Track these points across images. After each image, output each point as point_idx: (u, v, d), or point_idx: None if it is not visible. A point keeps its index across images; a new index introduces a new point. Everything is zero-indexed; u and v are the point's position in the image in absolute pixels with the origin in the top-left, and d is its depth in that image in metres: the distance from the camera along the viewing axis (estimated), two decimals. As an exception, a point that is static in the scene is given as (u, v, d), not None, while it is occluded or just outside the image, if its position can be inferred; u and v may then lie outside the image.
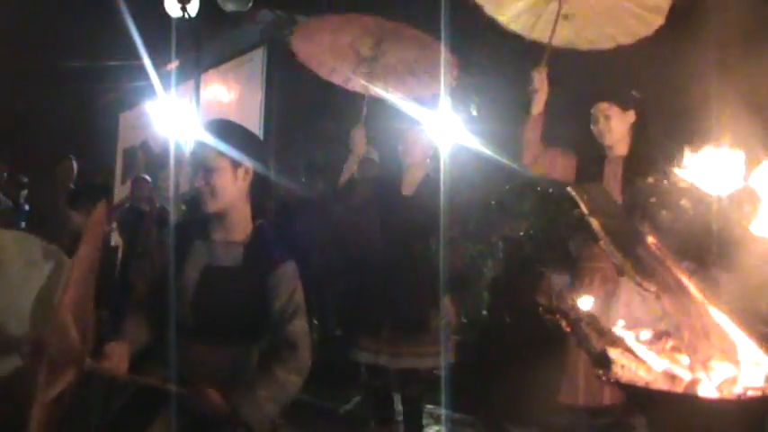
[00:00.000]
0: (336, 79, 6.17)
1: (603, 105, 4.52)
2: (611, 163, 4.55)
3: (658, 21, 4.79)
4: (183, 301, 3.23)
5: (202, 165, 3.22)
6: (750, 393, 2.11)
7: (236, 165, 3.23)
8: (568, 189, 2.73)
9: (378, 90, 5.92)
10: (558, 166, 4.71)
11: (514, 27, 5.15)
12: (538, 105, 4.67)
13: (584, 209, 2.63)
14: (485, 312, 8.48)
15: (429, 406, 6.90)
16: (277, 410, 3.16)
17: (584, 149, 4.70)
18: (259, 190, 3.37)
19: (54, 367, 2.77)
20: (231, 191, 3.24)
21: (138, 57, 9.84)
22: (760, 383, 2.13)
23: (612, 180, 4.45)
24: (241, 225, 3.33)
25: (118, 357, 3.04)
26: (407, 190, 5.53)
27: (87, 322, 3.01)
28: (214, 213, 3.27)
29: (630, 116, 4.53)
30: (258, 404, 3.05)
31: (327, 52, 5.99)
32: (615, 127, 4.51)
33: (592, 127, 4.59)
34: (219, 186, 3.21)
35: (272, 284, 3.24)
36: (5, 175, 8.13)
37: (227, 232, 3.32)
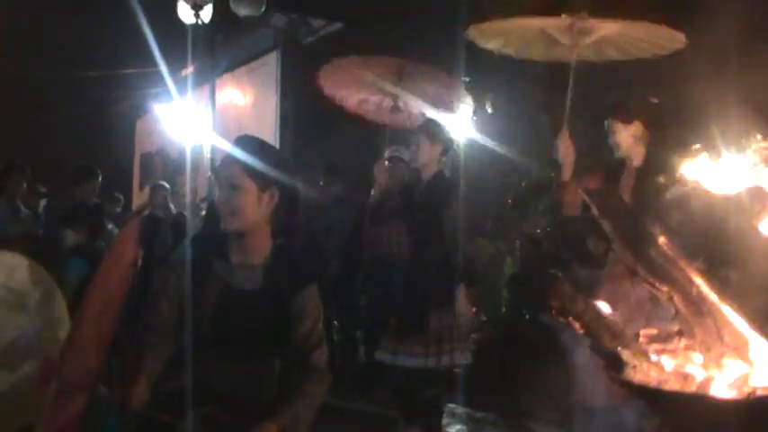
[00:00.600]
0: (363, 111, 6.60)
1: (610, 121, 4.63)
2: (628, 173, 4.63)
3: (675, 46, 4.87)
4: (202, 322, 3.16)
5: (227, 182, 3.12)
6: (759, 392, 2.13)
7: (262, 188, 3.11)
8: (580, 191, 2.76)
9: (400, 122, 6.29)
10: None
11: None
12: (566, 173, 4.74)
13: (595, 211, 2.66)
14: (504, 310, 8.50)
15: (450, 405, 6.94)
16: (312, 419, 3.18)
17: (610, 161, 4.77)
18: (285, 213, 3.24)
19: (66, 389, 2.77)
20: (253, 213, 3.13)
21: (153, 63, 9.90)
22: (770, 382, 2.15)
23: (627, 190, 4.51)
24: (260, 246, 3.23)
25: (138, 392, 2.99)
26: (419, 193, 5.64)
27: (105, 347, 2.93)
28: (233, 232, 3.18)
29: (635, 128, 4.59)
30: (300, 420, 3.10)
31: (353, 87, 6.39)
32: (622, 141, 4.60)
33: (608, 141, 4.69)
34: (242, 207, 3.10)
35: (295, 310, 3.19)
36: (25, 185, 8.19)
37: (245, 254, 3.22)
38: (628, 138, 4.59)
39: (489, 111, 9.13)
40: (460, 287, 5.41)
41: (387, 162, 6.04)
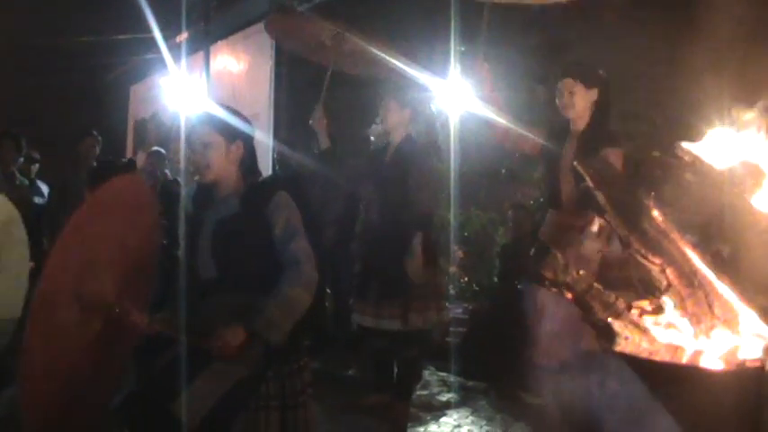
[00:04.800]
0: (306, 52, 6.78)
1: (569, 81, 4.71)
2: (572, 136, 4.75)
3: None
4: (205, 259, 3.56)
5: (200, 140, 3.59)
6: (749, 364, 2.16)
7: (229, 141, 3.61)
8: (575, 164, 2.77)
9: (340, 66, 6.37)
10: (527, 140, 4.97)
11: None
12: (486, 86, 5.14)
13: (589, 182, 2.68)
14: (496, 279, 8.54)
15: (441, 373, 6.99)
16: (289, 324, 3.35)
17: (553, 122, 4.86)
18: (249, 159, 3.71)
19: (86, 307, 3.21)
20: (224, 163, 3.60)
21: (147, 30, 9.84)
22: (759, 355, 2.18)
23: (570, 152, 4.67)
24: (236, 186, 3.65)
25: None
26: (389, 157, 5.70)
27: (131, 288, 3.45)
28: (210, 183, 3.63)
29: (593, 94, 4.71)
30: (270, 319, 3.29)
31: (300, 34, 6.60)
32: (578, 102, 4.70)
33: (557, 100, 4.79)
34: (214, 159, 3.58)
35: (269, 215, 3.51)
36: (22, 159, 8.21)
37: (225, 191, 3.64)
38: (583, 101, 4.70)
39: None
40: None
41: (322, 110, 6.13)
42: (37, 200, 8.37)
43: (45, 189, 8.63)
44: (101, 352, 3.38)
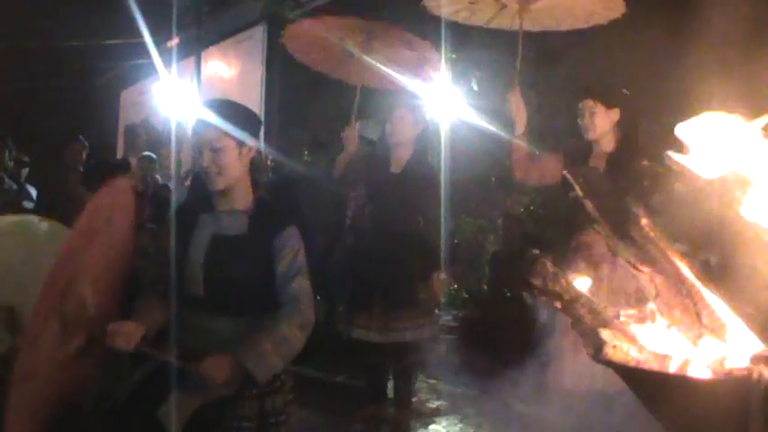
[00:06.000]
0: (326, 69, 6.55)
1: (589, 102, 4.69)
2: (596, 158, 4.72)
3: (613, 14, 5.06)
4: (193, 273, 3.36)
5: (209, 145, 3.31)
6: (736, 373, 2.17)
7: (240, 144, 3.36)
8: (564, 173, 2.78)
9: (367, 83, 6.26)
10: (548, 172, 4.91)
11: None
12: (519, 126, 4.97)
13: (579, 191, 2.69)
14: (485, 287, 8.55)
15: (431, 380, 6.99)
16: (282, 364, 3.26)
17: (572, 145, 4.84)
18: (257, 159, 3.52)
19: (66, 327, 3.07)
20: (236, 168, 3.36)
21: (138, 35, 9.84)
22: (746, 364, 2.18)
23: None
24: (244, 197, 3.45)
25: (129, 333, 3.14)
26: (396, 168, 5.66)
27: (109, 297, 3.27)
28: (223, 190, 3.39)
29: (615, 114, 4.69)
30: (263, 356, 3.15)
31: (318, 48, 6.32)
32: (599, 123, 4.68)
33: (579, 121, 4.76)
34: (226, 165, 3.33)
35: (276, 248, 3.36)
36: (12, 163, 8.18)
37: (231, 204, 3.44)
38: (605, 122, 4.68)
39: (475, 88, 9.14)
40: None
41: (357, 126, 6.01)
42: (26, 204, 8.34)
43: (35, 193, 8.61)
44: (82, 367, 3.27)
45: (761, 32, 5.14)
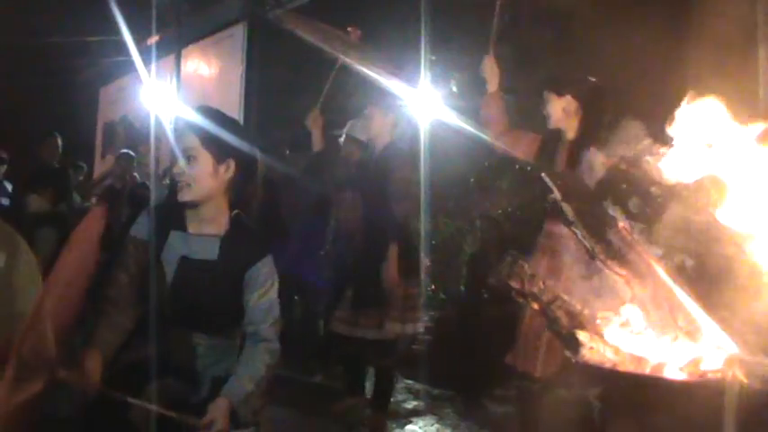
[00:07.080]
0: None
1: (545, 93, 4.77)
2: (563, 145, 4.75)
3: None
4: (160, 293, 3.17)
5: (184, 153, 3.13)
6: (710, 375, 2.20)
7: (219, 160, 3.16)
8: (543, 175, 2.80)
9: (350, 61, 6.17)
10: (522, 145, 4.96)
11: None
12: (491, 85, 5.03)
13: (557, 194, 2.71)
14: (463, 288, 8.58)
15: (408, 381, 7.01)
16: (258, 404, 3.18)
17: (549, 132, 4.88)
18: (242, 185, 3.28)
19: (24, 370, 2.70)
20: (208, 184, 3.17)
21: (118, 32, 9.78)
22: (720, 366, 2.21)
23: (560, 162, 4.66)
24: (217, 218, 3.28)
25: (91, 367, 2.96)
26: (372, 163, 5.70)
27: (66, 327, 2.96)
28: (188, 203, 3.20)
29: (567, 102, 4.70)
30: (250, 392, 3.08)
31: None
32: (552, 111, 4.75)
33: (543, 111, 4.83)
34: (197, 178, 3.14)
35: (249, 279, 3.22)
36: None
37: (202, 225, 3.26)
38: (556, 110, 4.71)
39: (454, 90, 9.16)
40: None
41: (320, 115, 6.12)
42: (3, 201, 8.30)
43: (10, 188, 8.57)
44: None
45: (757, 33, 5.18)
